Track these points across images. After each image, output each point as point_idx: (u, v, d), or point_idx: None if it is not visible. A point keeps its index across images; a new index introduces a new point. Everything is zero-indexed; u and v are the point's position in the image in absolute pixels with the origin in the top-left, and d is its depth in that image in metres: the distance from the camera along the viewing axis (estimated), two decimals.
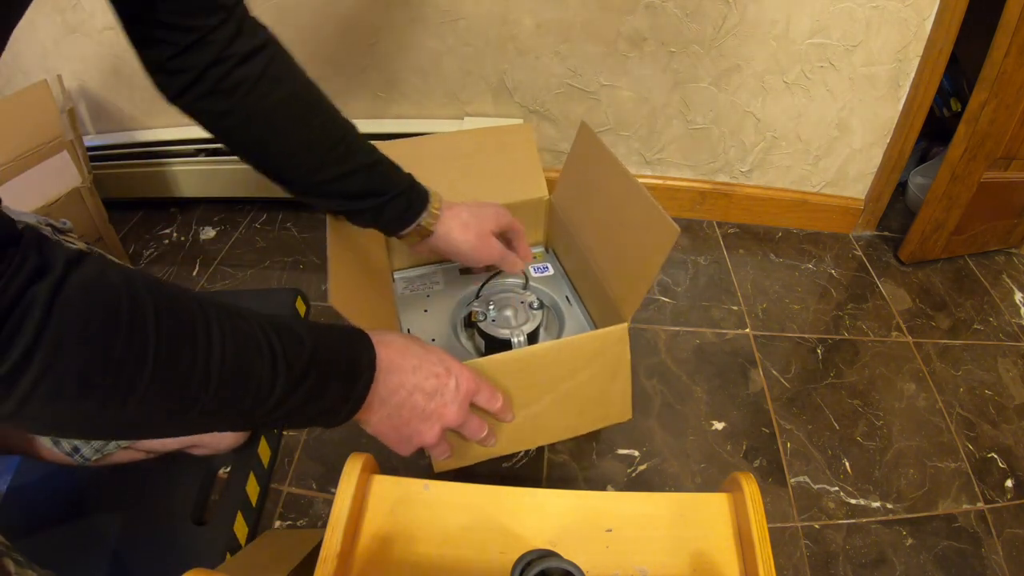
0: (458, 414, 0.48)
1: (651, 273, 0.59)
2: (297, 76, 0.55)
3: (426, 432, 0.47)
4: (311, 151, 0.56)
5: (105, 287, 0.30)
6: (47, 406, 0.28)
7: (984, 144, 1.05)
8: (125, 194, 1.23)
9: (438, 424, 0.48)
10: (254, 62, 0.51)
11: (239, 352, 0.35)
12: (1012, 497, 0.84)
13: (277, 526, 0.75)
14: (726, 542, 0.43)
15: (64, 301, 0.28)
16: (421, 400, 0.46)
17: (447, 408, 0.48)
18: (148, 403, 0.31)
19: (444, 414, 0.48)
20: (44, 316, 0.27)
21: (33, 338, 0.26)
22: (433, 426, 0.47)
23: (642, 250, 0.59)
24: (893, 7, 0.99)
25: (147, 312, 0.31)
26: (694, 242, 1.25)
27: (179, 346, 0.32)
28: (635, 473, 0.83)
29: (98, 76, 1.15)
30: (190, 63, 0.48)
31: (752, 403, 0.93)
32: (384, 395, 0.44)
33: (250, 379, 0.35)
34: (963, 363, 1.03)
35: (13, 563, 0.47)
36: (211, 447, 0.76)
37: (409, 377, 0.46)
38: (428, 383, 0.47)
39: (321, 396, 0.40)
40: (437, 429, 0.48)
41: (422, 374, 0.46)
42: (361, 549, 0.41)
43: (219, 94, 0.51)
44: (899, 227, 1.31)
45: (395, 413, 0.46)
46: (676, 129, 1.18)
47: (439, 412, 0.47)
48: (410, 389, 0.46)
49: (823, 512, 0.80)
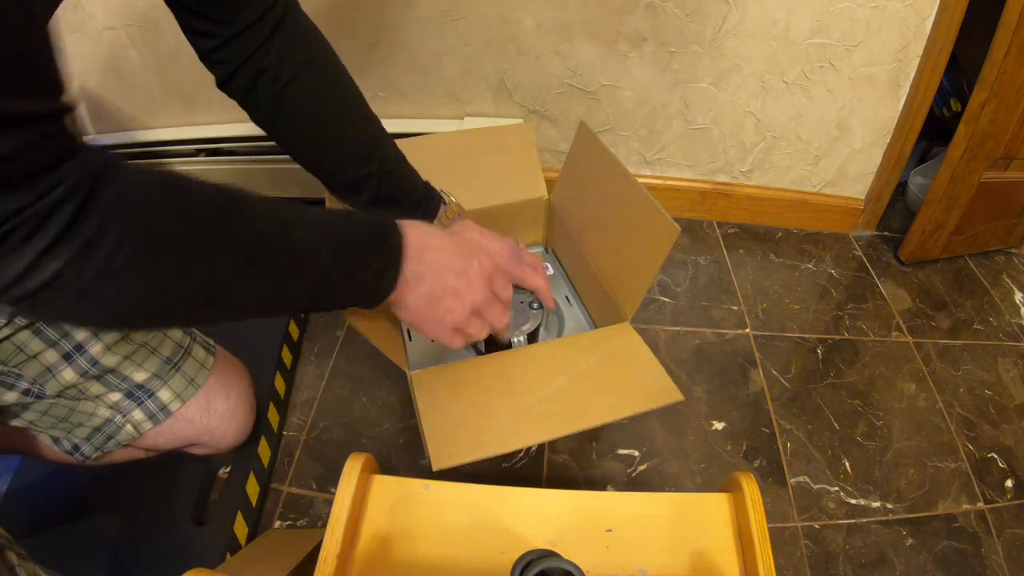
0: (480, 291, 0.48)
1: (651, 272, 0.59)
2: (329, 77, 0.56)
3: (457, 309, 0.48)
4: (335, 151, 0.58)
5: (162, 175, 0.34)
6: (127, 274, 0.31)
7: (984, 144, 1.05)
8: None
9: (468, 300, 0.48)
10: (292, 59, 0.52)
11: (284, 226, 0.38)
12: (1012, 497, 0.84)
13: (277, 526, 0.75)
14: (726, 542, 0.43)
15: (134, 178, 0.32)
16: (452, 279, 0.47)
17: (471, 285, 0.48)
18: (213, 264, 0.35)
19: (474, 291, 0.48)
20: (121, 187, 0.30)
21: (112, 204, 0.30)
22: (464, 302, 0.48)
23: (642, 249, 0.59)
24: (893, 7, 0.99)
25: (204, 191, 0.35)
26: (694, 242, 1.25)
27: (234, 213, 0.36)
28: (635, 473, 0.83)
29: (98, 76, 1.15)
30: (230, 55, 0.51)
31: (752, 403, 0.93)
32: (420, 271, 0.45)
33: (296, 251, 0.39)
34: (963, 363, 1.03)
35: (16, 555, 0.47)
36: (211, 447, 0.76)
37: (441, 255, 0.47)
38: (459, 262, 0.48)
39: (360, 268, 0.42)
40: (468, 306, 0.48)
41: (452, 252, 0.48)
42: (361, 549, 0.41)
43: (258, 89, 0.53)
44: (899, 227, 1.31)
45: (429, 291, 0.46)
46: (676, 129, 1.18)
47: (471, 288, 0.48)
48: (441, 267, 0.47)
49: (823, 512, 0.80)
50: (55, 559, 0.60)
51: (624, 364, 0.59)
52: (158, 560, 0.69)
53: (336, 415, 0.87)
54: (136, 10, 1.05)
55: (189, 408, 0.68)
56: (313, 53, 0.54)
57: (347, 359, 0.95)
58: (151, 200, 0.32)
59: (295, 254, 0.39)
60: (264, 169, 1.18)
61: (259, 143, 1.16)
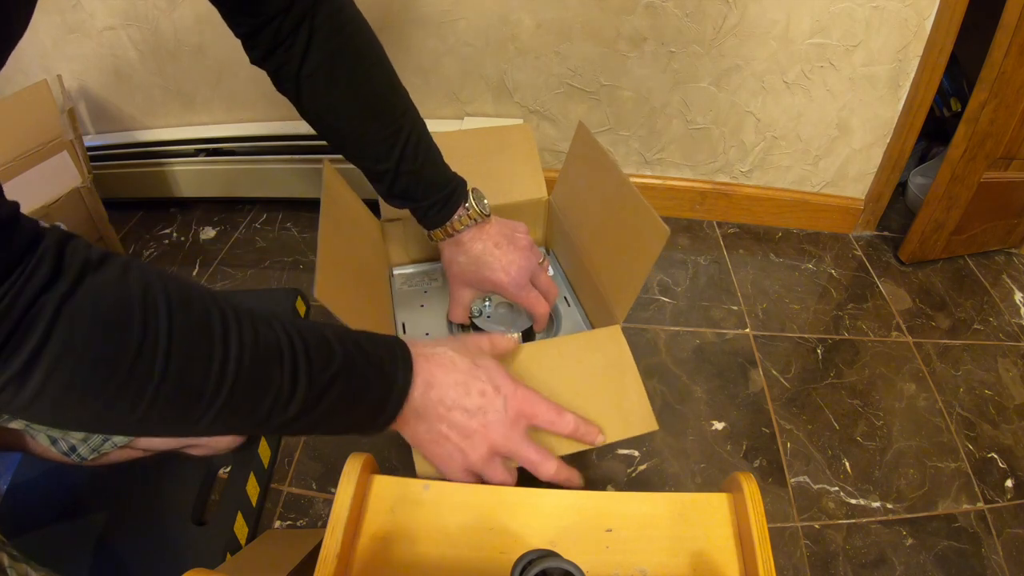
0: (505, 437, 0.44)
1: (642, 274, 0.59)
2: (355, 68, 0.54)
3: (470, 452, 0.44)
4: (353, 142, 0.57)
5: (118, 295, 0.30)
6: (56, 406, 0.30)
7: (984, 144, 1.05)
8: (125, 194, 1.23)
9: (483, 446, 0.44)
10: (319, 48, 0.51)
11: (256, 362, 0.34)
12: (1012, 497, 0.84)
13: (277, 526, 0.75)
14: (726, 542, 0.43)
15: (72, 310, 0.28)
16: (461, 418, 0.43)
17: (491, 429, 0.44)
18: (157, 408, 0.32)
19: (488, 435, 0.44)
20: (50, 324, 0.28)
21: (39, 343, 0.27)
22: (477, 447, 0.44)
23: (634, 251, 0.59)
24: (893, 7, 0.99)
25: (160, 323, 0.31)
26: (694, 242, 1.25)
27: (191, 356, 0.32)
28: (635, 473, 0.83)
29: (98, 76, 1.15)
30: (262, 42, 0.51)
31: (752, 403, 0.93)
32: (420, 409, 0.43)
33: (267, 390, 0.35)
34: (963, 363, 1.03)
35: (8, 557, 0.47)
36: (211, 447, 0.76)
37: (450, 392, 0.43)
38: (471, 400, 0.43)
39: (348, 410, 0.39)
40: (483, 451, 0.44)
41: (465, 390, 0.44)
42: (361, 549, 0.41)
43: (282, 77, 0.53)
44: (899, 227, 1.31)
45: (432, 428, 0.43)
46: (676, 129, 1.18)
47: (482, 432, 0.44)
48: (449, 405, 0.43)
49: (823, 512, 0.80)
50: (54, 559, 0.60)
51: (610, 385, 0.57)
52: (158, 560, 0.69)
53: None
54: (136, 10, 1.05)
55: None
56: (344, 43, 0.53)
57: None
58: (93, 337, 0.29)
59: (269, 394, 0.35)
60: (264, 169, 1.18)
61: (259, 143, 1.16)
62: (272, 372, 0.35)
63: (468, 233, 0.60)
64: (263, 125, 1.16)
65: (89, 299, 0.29)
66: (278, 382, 0.35)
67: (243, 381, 0.34)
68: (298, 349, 0.36)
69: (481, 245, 0.60)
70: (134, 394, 0.31)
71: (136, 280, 0.31)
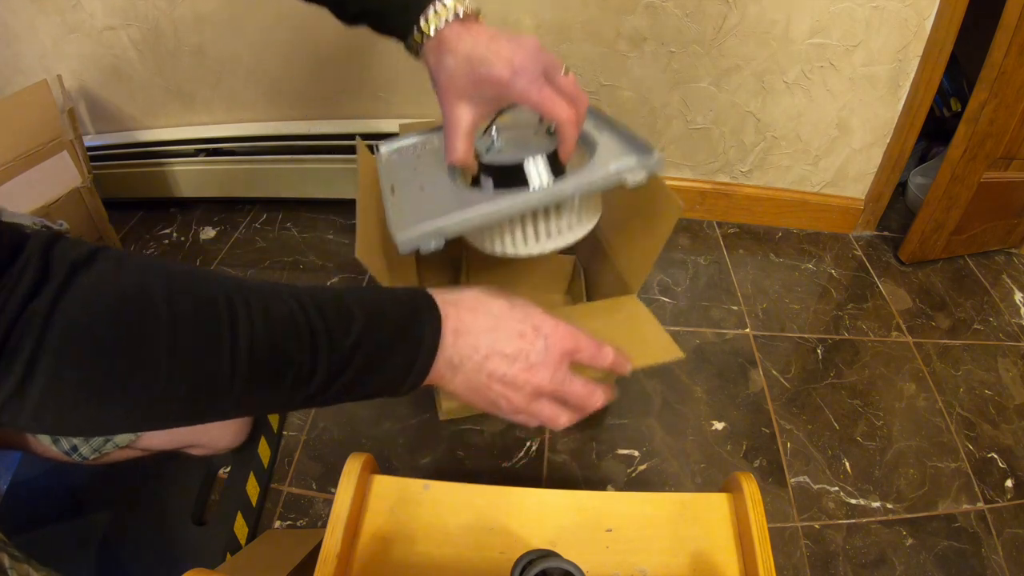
0: (551, 379, 0.41)
1: (656, 248, 0.60)
2: None
3: (515, 399, 0.40)
4: None
5: (112, 292, 0.28)
6: (61, 414, 0.28)
7: (984, 144, 1.05)
8: (125, 194, 1.23)
9: (528, 389, 0.40)
10: None
11: (271, 341, 0.32)
12: (1012, 497, 0.84)
13: (277, 526, 0.75)
14: (726, 542, 0.43)
15: (63, 313, 0.26)
16: (501, 365, 0.40)
17: (535, 372, 0.40)
18: (168, 404, 0.30)
19: (532, 379, 0.40)
20: (41, 334, 0.26)
21: (32, 356, 0.26)
22: (521, 393, 0.40)
23: (648, 226, 0.61)
24: (893, 7, 0.99)
25: (160, 314, 0.29)
26: (694, 242, 1.25)
27: (198, 345, 0.30)
28: (635, 473, 0.83)
29: (98, 76, 1.15)
30: None
31: (752, 403, 0.93)
32: (456, 361, 0.39)
33: (287, 368, 0.33)
34: (963, 363, 1.03)
35: (9, 557, 0.47)
36: (210, 447, 0.76)
37: (484, 339, 0.39)
38: (508, 345, 0.40)
39: (376, 372, 0.36)
40: (528, 394, 0.41)
41: (501, 335, 0.40)
42: (361, 549, 0.41)
43: None
44: (899, 227, 1.31)
45: (472, 378, 0.40)
46: (676, 129, 1.18)
47: (524, 378, 0.40)
48: (485, 353, 0.39)
49: (823, 512, 0.80)
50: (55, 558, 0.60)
51: (629, 327, 0.62)
52: (158, 560, 0.69)
53: (336, 415, 0.87)
54: (136, 10, 1.04)
55: None
56: None
57: None
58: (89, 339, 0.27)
59: (289, 372, 0.33)
60: (264, 169, 1.18)
61: (259, 143, 1.16)
62: (289, 348, 0.33)
63: (451, 29, 0.47)
64: (263, 125, 1.16)
65: (80, 301, 0.27)
66: (298, 359, 0.33)
67: (258, 364, 0.32)
68: (314, 320, 0.34)
69: (472, 40, 0.46)
70: (142, 394, 0.29)
71: (131, 273, 0.29)
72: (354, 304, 0.36)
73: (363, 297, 0.37)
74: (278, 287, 0.34)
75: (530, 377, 0.40)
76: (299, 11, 1.04)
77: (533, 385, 0.40)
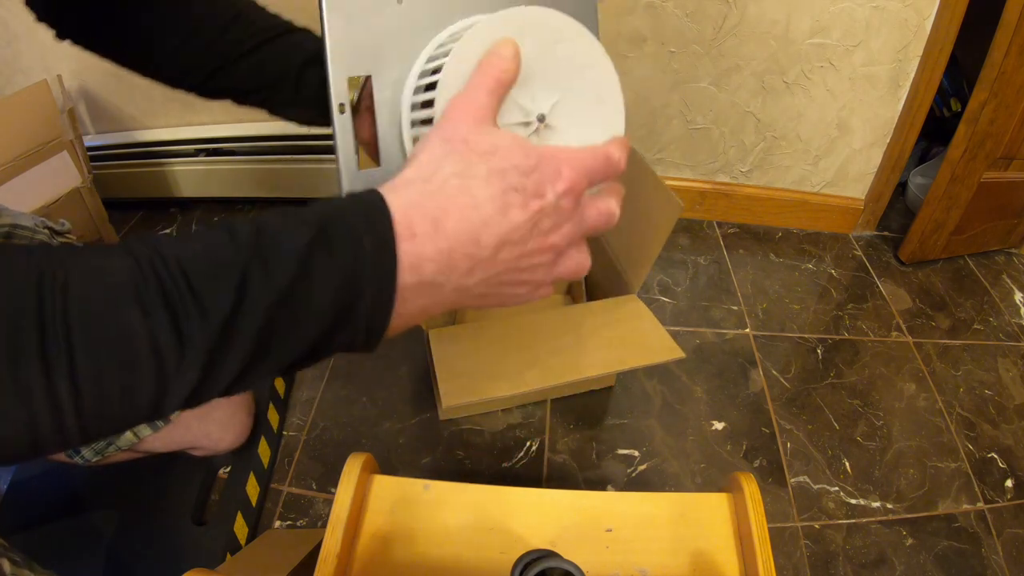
0: (571, 232, 0.31)
1: (656, 247, 0.61)
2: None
3: (536, 279, 0.31)
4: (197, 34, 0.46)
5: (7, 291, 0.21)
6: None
7: (984, 144, 1.05)
8: (125, 194, 1.23)
9: (547, 260, 0.31)
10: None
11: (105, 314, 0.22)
12: (1012, 497, 0.84)
13: (277, 526, 0.75)
14: (726, 542, 0.43)
15: None
16: (508, 255, 0.29)
17: (552, 236, 0.30)
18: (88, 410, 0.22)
19: (550, 246, 0.31)
20: None
21: None
22: (543, 268, 0.31)
23: (648, 225, 0.61)
24: (893, 7, 0.99)
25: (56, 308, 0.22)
26: (694, 242, 1.25)
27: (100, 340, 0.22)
28: (635, 473, 0.83)
29: (98, 76, 1.15)
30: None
31: (752, 403, 0.93)
32: (441, 279, 0.28)
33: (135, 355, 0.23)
34: (963, 363, 1.03)
35: (9, 563, 0.47)
36: (211, 449, 0.76)
37: (470, 234, 0.28)
38: (507, 220, 0.28)
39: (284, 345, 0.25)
40: (548, 267, 0.32)
41: (492, 213, 0.28)
42: (361, 549, 0.41)
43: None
44: (899, 227, 1.31)
45: (468, 290, 0.29)
46: (676, 129, 1.18)
47: (541, 252, 0.30)
48: (482, 254, 0.28)
49: (823, 512, 0.80)
50: (55, 558, 0.60)
51: (630, 326, 0.63)
52: (158, 560, 0.69)
53: (336, 415, 0.87)
54: None
55: (187, 414, 0.67)
56: None
57: (347, 359, 0.95)
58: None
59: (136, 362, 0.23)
60: (264, 169, 1.18)
61: (259, 143, 1.16)
62: (128, 322, 0.22)
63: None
64: (263, 125, 1.16)
65: None
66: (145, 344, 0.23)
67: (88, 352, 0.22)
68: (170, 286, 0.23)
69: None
70: (50, 406, 0.22)
71: (33, 266, 0.22)
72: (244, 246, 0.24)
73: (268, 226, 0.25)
74: (119, 247, 0.24)
75: (547, 246, 0.30)
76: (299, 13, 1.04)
77: (554, 251, 0.31)
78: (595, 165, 0.32)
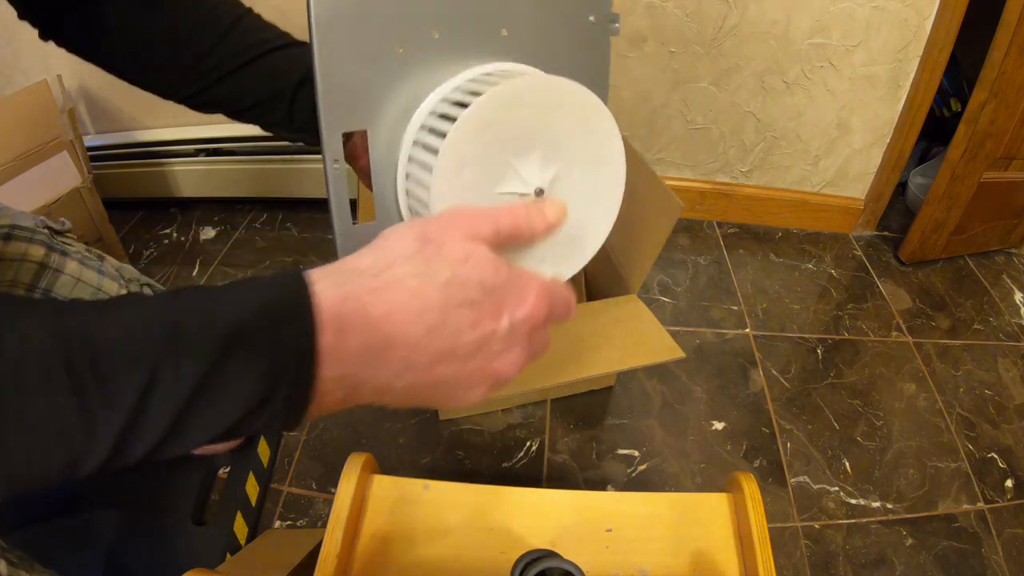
0: (523, 356, 0.29)
1: (656, 247, 0.61)
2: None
3: (475, 393, 0.29)
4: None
5: None
6: None
7: (984, 144, 1.05)
8: (125, 194, 1.23)
9: (490, 381, 0.29)
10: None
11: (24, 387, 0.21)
12: (1012, 497, 0.84)
13: (277, 526, 0.75)
14: (726, 542, 0.43)
15: None
16: (450, 370, 0.27)
17: (500, 361, 0.28)
18: None
19: (497, 370, 0.29)
20: None
21: None
22: (484, 384, 0.29)
23: (648, 226, 0.61)
24: (893, 7, 0.99)
25: None
26: (694, 242, 1.25)
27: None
28: (635, 473, 0.83)
29: (98, 76, 1.15)
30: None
31: (752, 403, 0.93)
32: (365, 376, 0.26)
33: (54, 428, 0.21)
34: (963, 363, 1.03)
35: (6, 564, 0.47)
36: (211, 448, 0.76)
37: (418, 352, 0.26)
38: (452, 339, 0.27)
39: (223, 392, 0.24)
40: (488, 385, 0.29)
41: (435, 329, 0.26)
42: (361, 549, 0.41)
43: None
44: (899, 227, 1.31)
45: (408, 392, 0.28)
46: (676, 129, 1.18)
47: (489, 370, 0.28)
48: (430, 358, 0.27)
49: (823, 512, 0.80)
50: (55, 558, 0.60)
51: (630, 326, 0.63)
52: (158, 560, 0.69)
53: (336, 415, 0.87)
54: None
55: None
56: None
57: None
58: None
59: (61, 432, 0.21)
60: (264, 169, 1.18)
61: (259, 143, 1.16)
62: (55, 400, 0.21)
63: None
64: None
65: None
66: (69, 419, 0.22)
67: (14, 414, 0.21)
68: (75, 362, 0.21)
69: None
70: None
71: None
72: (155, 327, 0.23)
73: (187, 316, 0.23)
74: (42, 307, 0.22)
75: (489, 371, 0.29)
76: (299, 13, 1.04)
77: (500, 375, 0.29)
78: (562, 302, 0.31)
